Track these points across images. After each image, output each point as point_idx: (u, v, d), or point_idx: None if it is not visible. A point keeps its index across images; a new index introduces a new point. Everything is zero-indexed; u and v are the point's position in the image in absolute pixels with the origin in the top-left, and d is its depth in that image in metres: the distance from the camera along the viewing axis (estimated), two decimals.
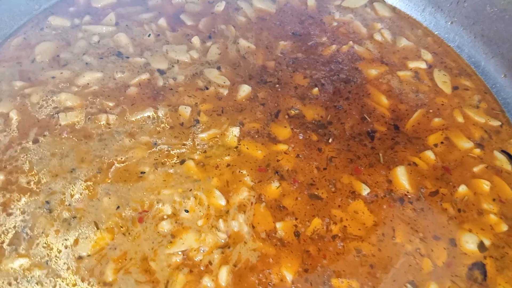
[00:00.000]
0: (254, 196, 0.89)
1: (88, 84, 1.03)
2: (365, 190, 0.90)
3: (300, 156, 0.95)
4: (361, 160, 0.95)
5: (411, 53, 1.17)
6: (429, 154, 0.97)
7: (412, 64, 1.13)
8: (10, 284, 0.78)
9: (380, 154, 0.96)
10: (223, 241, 0.83)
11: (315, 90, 1.05)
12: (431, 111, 1.04)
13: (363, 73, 1.10)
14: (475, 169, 0.96)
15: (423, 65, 1.13)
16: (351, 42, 1.16)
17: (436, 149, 0.98)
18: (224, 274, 0.80)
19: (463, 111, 1.05)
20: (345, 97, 1.05)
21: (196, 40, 1.14)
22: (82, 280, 0.79)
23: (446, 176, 0.94)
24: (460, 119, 1.04)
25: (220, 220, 0.85)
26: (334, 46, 1.15)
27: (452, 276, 0.82)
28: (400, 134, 1.00)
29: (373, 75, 1.10)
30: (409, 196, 0.91)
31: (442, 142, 0.99)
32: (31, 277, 0.79)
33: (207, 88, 1.04)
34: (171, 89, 1.03)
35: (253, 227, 0.85)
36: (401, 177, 0.93)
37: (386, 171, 0.94)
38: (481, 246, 0.86)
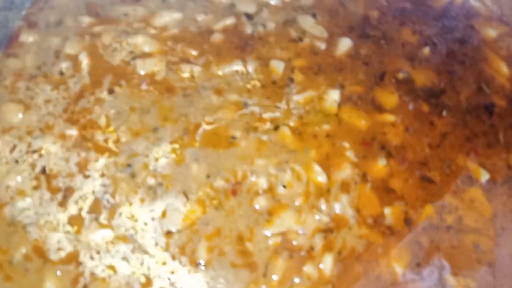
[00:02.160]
0: (358, 175, 0.78)
1: (166, 26, 0.89)
2: (483, 176, 0.79)
3: (410, 129, 0.83)
4: (478, 138, 0.83)
5: None
6: None
7: None
8: (92, 258, 0.71)
9: (500, 134, 0.84)
10: (324, 224, 0.74)
11: (426, 50, 0.91)
12: None
13: (480, 33, 0.95)
14: None
15: None
16: None
17: None
18: (329, 263, 0.72)
19: None
20: (460, 60, 0.91)
21: None
22: (173, 259, 0.71)
23: None
24: None
25: (322, 200, 0.76)
26: None
27: None
28: None
29: (491, 36, 0.95)
30: None
31: None
32: (115, 252, 0.71)
33: (301, 40, 0.90)
34: (261, 38, 0.89)
35: (358, 210, 0.76)
36: None
37: (506, 154, 0.82)
38: None
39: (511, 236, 0.76)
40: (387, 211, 0.76)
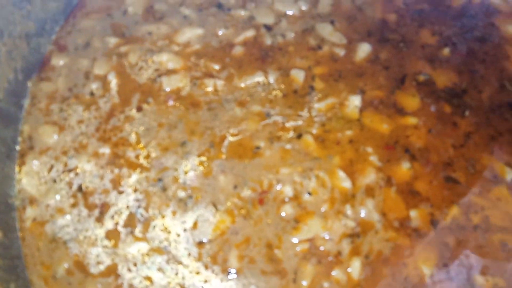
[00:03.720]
0: (382, 179, 0.79)
1: (189, 42, 0.92)
2: (509, 174, 0.79)
3: (433, 131, 0.83)
4: (503, 137, 0.83)
5: None
6: None
7: None
8: (129, 270, 0.75)
9: None
10: (351, 229, 0.76)
11: (446, 50, 0.91)
12: None
13: (501, 31, 0.94)
14: None
15: None
16: None
17: None
18: (357, 267, 0.73)
19: None
20: (481, 59, 0.91)
21: None
22: (206, 268, 0.74)
23: None
24: None
25: (347, 206, 0.77)
26: None
27: None
28: None
29: None
30: None
31: None
32: (151, 263, 0.75)
33: (321, 48, 0.92)
34: (280, 48, 0.92)
35: (384, 214, 0.77)
36: None
37: None
38: None
39: None
40: (413, 213, 0.77)
